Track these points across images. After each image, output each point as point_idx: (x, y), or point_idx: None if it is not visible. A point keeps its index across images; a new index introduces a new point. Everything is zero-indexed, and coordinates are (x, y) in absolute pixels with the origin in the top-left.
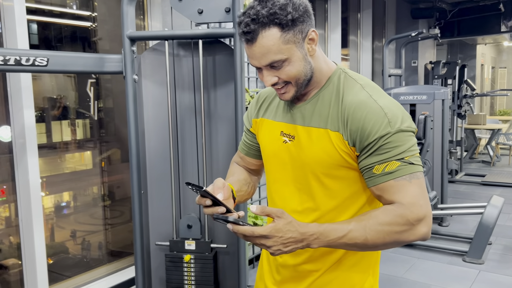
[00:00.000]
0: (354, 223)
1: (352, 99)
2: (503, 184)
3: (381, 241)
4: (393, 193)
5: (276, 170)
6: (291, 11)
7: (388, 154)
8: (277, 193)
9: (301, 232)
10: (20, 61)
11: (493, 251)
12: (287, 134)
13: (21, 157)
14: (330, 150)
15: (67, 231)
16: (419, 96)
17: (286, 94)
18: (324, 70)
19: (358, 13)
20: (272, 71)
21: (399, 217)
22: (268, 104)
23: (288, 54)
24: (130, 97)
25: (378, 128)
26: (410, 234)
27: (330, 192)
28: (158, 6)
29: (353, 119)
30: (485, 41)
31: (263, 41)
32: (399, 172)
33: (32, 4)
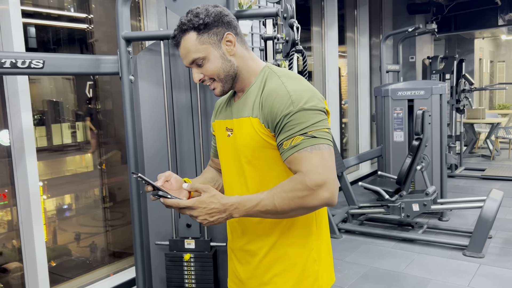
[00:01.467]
0: (266, 192)
1: (267, 88)
2: (503, 178)
3: (288, 207)
4: (296, 164)
5: (224, 162)
6: (203, 17)
7: (293, 131)
8: (226, 182)
9: (222, 203)
10: (16, 64)
11: (493, 245)
12: (230, 129)
13: (20, 160)
14: (253, 134)
15: (69, 233)
16: (417, 92)
17: (216, 90)
18: (252, 69)
19: (355, 9)
20: (197, 68)
21: (299, 183)
22: (221, 108)
23: (205, 53)
24: (126, 98)
25: (283, 108)
26: (312, 199)
27: (259, 172)
28: (154, 7)
29: (265, 104)
30: (482, 35)
31: (184, 43)
32: (301, 145)
33: (30, 7)
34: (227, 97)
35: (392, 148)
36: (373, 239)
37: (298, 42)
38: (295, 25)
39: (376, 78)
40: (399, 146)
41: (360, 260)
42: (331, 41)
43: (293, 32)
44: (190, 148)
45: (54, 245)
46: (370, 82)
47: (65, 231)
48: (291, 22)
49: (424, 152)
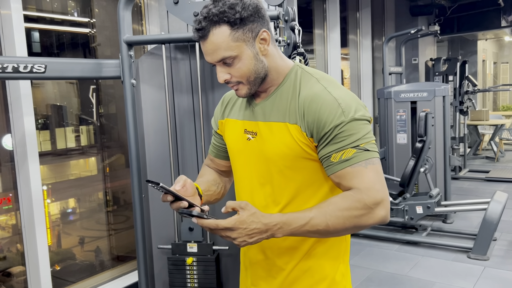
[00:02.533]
0: (315, 210)
1: (307, 92)
2: (508, 180)
3: (342, 226)
4: (350, 179)
5: (241, 168)
6: (240, 10)
7: (344, 142)
8: (243, 190)
9: (264, 222)
10: (18, 69)
11: (498, 247)
12: (250, 131)
13: (23, 165)
14: (290, 142)
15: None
16: (420, 94)
17: (239, 91)
18: (281, 68)
19: (357, 12)
20: (224, 67)
21: (357, 201)
22: (232, 105)
23: (237, 51)
24: (128, 101)
25: (333, 118)
26: (369, 217)
27: (293, 184)
28: (155, 11)
29: (309, 111)
30: (485, 36)
31: (213, 38)
32: (355, 159)
33: (33, 12)
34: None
35: (395, 150)
36: (377, 242)
37: (299, 45)
38: (296, 28)
39: (379, 80)
40: (402, 148)
41: (364, 263)
42: (334, 43)
43: (295, 35)
44: (192, 151)
45: (58, 249)
46: (373, 84)
47: (68, 235)
48: (293, 25)
49: (427, 154)
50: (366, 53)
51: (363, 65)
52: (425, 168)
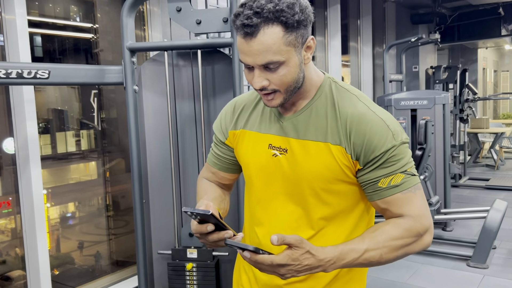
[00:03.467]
0: (367, 241)
1: (352, 111)
2: (508, 188)
3: (394, 256)
4: (401, 206)
5: (264, 186)
6: (298, 12)
7: (393, 167)
8: (264, 209)
9: (318, 259)
10: (22, 74)
11: (498, 256)
12: (278, 147)
13: (24, 169)
14: (331, 164)
15: (73, 242)
16: (420, 101)
17: (274, 101)
18: (314, 80)
19: (358, 19)
20: (265, 73)
21: (409, 230)
22: (248, 114)
23: (286, 56)
24: (130, 107)
25: (384, 141)
26: (417, 245)
27: (328, 207)
28: (158, 17)
29: (357, 133)
30: (486, 45)
31: (264, 37)
32: (405, 185)
33: (36, 17)
34: (255, 100)
35: None
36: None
37: None
38: None
39: (379, 88)
40: None
41: None
42: (334, 50)
43: None
44: (193, 157)
45: (57, 253)
46: (374, 91)
47: (68, 239)
48: None
49: (427, 161)
50: (366, 60)
51: (364, 73)
52: (425, 175)
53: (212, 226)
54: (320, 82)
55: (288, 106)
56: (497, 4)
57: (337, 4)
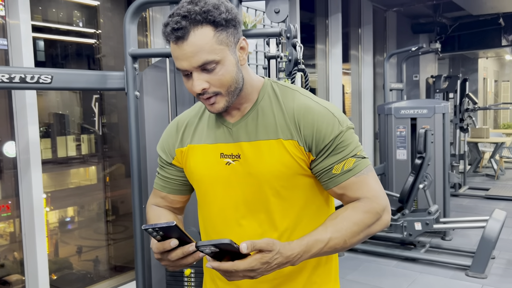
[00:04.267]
0: (330, 229)
1: (298, 104)
2: (507, 198)
3: (357, 240)
4: (356, 189)
5: (222, 197)
6: (224, 11)
7: (344, 153)
8: (225, 223)
9: (286, 256)
10: (25, 79)
11: (496, 265)
12: (229, 155)
13: (25, 173)
14: (286, 159)
15: (71, 246)
16: (420, 110)
17: (216, 105)
18: (254, 82)
19: (359, 28)
20: (203, 75)
21: (368, 212)
22: (193, 129)
23: (221, 55)
24: (132, 113)
25: (332, 129)
26: (378, 224)
27: (290, 204)
28: (161, 24)
29: (306, 123)
30: (486, 54)
31: (195, 39)
32: (357, 168)
33: (40, 22)
34: (198, 115)
35: (395, 166)
36: (375, 258)
37: (300, 61)
38: (297, 44)
39: (379, 96)
40: (402, 164)
41: (362, 278)
42: (335, 58)
43: (296, 52)
44: None
45: (55, 258)
46: (374, 99)
47: (66, 244)
48: (294, 42)
49: (426, 170)
50: (367, 68)
51: (364, 81)
52: (424, 184)
53: (176, 241)
54: (261, 84)
55: (233, 112)
56: (497, 14)
57: (338, 12)
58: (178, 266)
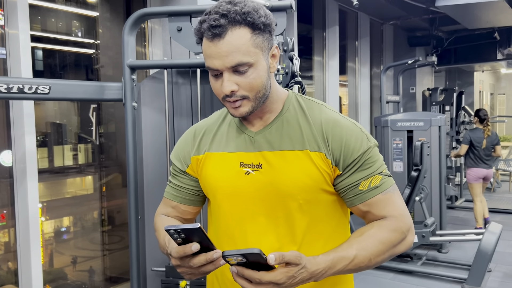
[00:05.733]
0: (356, 246)
1: (325, 118)
2: (504, 211)
3: (381, 259)
4: (383, 207)
5: (238, 209)
6: (263, 15)
7: (371, 169)
8: (243, 236)
9: (311, 271)
10: (23, 89)
11: (493, 278)
12: (250, 164)
13: (21, 182)
14: (312, 172)
15: (66, 257)
16: (416, 123)
17: (242, 108)
18: (280, 93)
19: (356, 40)
20: (234, 76)
21: (395, 231)
22: (212, 137)
23: (255, 59)
24: (129, 124)
25: (361, 144)
26: (403, 244)
27: (310, 218)
28: (159, 35)
29: (334, 137)
30: (482, 68)
31: (232, 38)
32: (384, 186)
33: (39, 32)
34: (218, 123)
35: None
36: (372, 270)
37: (297, 74)
38: (294, 57)
39: (376, 108)
40: (398, 176)
41: None
42: (332, 70)
43: (293, 65)
44: None
45: (50, 268)
46: (371, 112)
47: (61, 254)
48: (291, 55)
49: (423, 183)
50: (364, 81)
51: (361, 93)
52: (421, 197)
53: (198, 246)
54: (286, 96)
55: (255, 121)
56: (492, 28)
57: (336, 25)
58: (197, 274)
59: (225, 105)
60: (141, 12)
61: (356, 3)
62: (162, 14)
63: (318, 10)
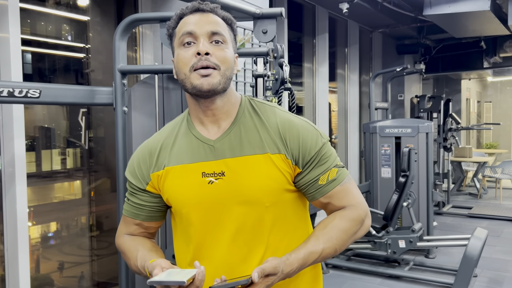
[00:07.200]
0: (322, 239)
1: (280, 119)
2: (489, 217)
3: (345, 246)
4: (342, 198)
5: (205, 218)
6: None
7: (328, 163)
8: (210, 246)
9: (285, 273)
10: (13, 93)
11: (478, 283)
12: (212, 173)
13: (10, 187)
14: (275, 174)
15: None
16: (404, 129)
17: (211, 79)
18: (235, 96)
19: (346, 48)
20: (209, 45)
21: (355, 220)
22: (169, 150)
23: (228, 38)
24: (119, 128)
25: (316, 141)
26: (362, 230)
27: (276, 219)
28: (150, 40)
29: (291, 137)
30: (469, 76)
31: (213, 16)
32: (340, 177)
33: (28, 35)
34: (173, 136)
35: (380, 184)
36: (360, 275)
37: (287, 80)
38: (284, 64)
39: (365, 114)
40: (386, 182)
41: None
42: (322, 77)
43: (282, 71)
44: None
45: (36, 274)
46: (360, 118)
47: (48, 260)
48: (281, 62)
49: (410, 189)
50: (353, 87)
51: (350, 99)
52: (408, 202)
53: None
54: (239, 101)
55: (213, 129)
56: (479, 38)
57: (325, 32)
58: None
59: (192, 78)
60: (133, 17)
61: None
62: (154, 20)
63: (309, 18)
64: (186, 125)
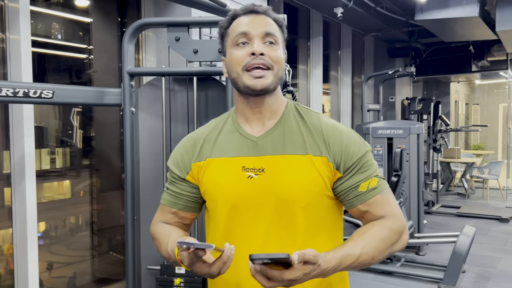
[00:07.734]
0: (361, 244)
1: (324, 124)
2: (477, 216)
3: (382, 257)
4: (381, 207)
5: (241, 212)
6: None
7: (369, 172)
8: (244, 237)
9: (323, 268)
10: (28, 94)
11: (467, 279)
12: (252, 168)
13: (19, 184)
14: (314, 177)
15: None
16: (396, 131)
17: (264, 79)
18: (281, 99)
19: (339, 50)
20: (263, 45)
21: (394, 230)
22: (213, 143)
23: (279, 39)
24: (127, 128)
25: (359, 147)
26: (399, 243)
27: (311, 221)
28: (153, 43)
29: (334, 141)
30: (458, 79)
31: (267, 19)
32: (381, 187)
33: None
34: (217, 129)
35: None
36: (352, 271)
37: (289, 84)
38: (286, 68)
39: (358, 116)
40: None
41: None
42: (316, 78)
43: (285, 75)
44: None
45: None
46: (352, 119)
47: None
48: None
49: (402, 188)
50: (346, 89)
51: (343, 101)
52: (400, 201)
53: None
54: (285, 104)
55: (257, 127)
56: (467, 42)
57: (320, 36)
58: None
59: (244, 78)
60: (141, 22)
61: (340, 15)
62: (161, 24)
63: (303, 21)
64: (231, 121)
